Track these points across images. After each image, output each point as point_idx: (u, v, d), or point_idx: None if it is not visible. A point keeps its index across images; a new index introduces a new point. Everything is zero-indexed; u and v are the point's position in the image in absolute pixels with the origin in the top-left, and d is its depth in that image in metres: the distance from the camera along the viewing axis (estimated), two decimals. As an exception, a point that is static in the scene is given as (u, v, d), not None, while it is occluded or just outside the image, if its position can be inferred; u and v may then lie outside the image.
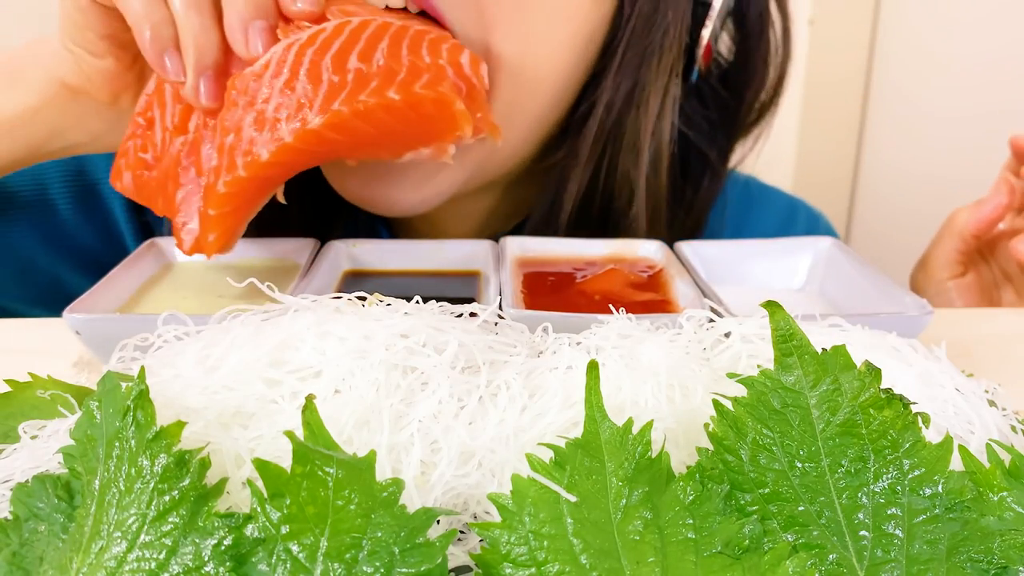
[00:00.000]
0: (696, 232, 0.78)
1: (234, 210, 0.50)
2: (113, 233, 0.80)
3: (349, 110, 0.48)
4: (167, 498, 0.28)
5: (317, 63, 0.49)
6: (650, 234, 0.72)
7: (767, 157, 0.85)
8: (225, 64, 0.51)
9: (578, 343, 0.40)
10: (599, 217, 0.73)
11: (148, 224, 0.81)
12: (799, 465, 0.31)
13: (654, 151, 0.69)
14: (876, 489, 0.31)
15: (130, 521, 0.28)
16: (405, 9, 0.58)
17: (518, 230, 0.78)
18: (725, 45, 0.74)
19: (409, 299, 0.40)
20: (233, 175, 0.48)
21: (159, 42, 0.51)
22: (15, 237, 0.75)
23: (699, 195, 0.77)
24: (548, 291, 0.57)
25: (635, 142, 0.68)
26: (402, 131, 0.51)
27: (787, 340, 0.33)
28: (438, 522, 0.31)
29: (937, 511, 0.30)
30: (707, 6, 0.68)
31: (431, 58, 0.51)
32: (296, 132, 0.47)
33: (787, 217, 0.91)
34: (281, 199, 0.55)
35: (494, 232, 0.80)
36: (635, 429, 0.31)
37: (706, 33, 0.68)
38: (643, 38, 0.65)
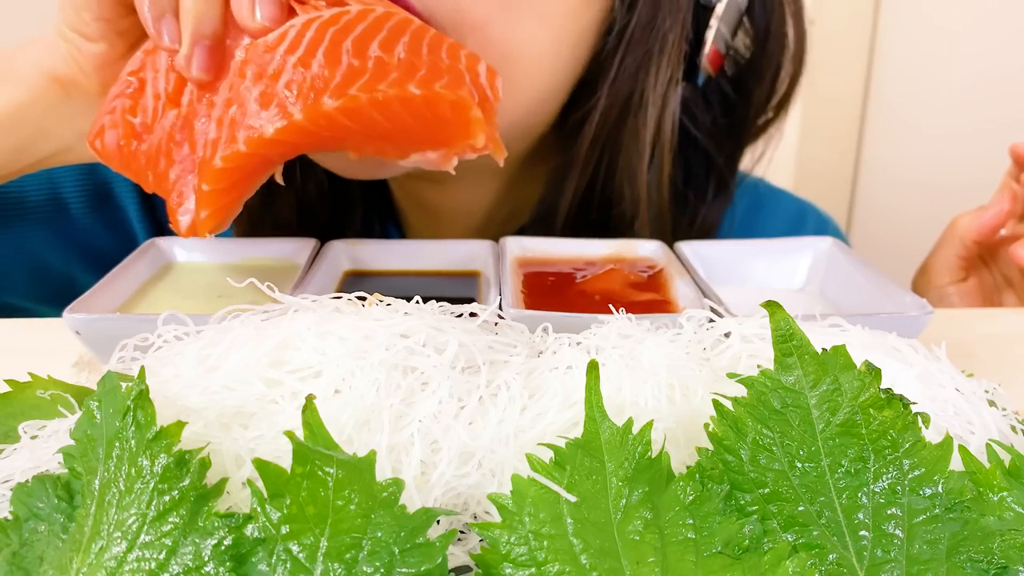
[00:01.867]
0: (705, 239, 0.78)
1: (230, 187, 0.48)
2: (126, 232, 0.80)
3: (367, 97, 0.46)
4: (167, 498, 0.28)
5: (338, 44, 0.47)
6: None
7: (767, 157, 0.84)
8: (223, 37, 0.50)
9: (578, 343, 0.40)
10: (598, 222, 0.73)
11: (161, 223, 0.81)
12: (799, 465, 0.31)
13: (656, 157, 0.69)
14: (876, 489, 0.31)
15: (130, 521, 0.28)
16: None
17: (520, 232, 0.78)
18: (744, 44, 0.73)
19: (409, 299, 0.40)
20: (233, 149, 0.46)
21: (157, 6, 0.49)
22: (29, 238, 0.75)
23: (706, 204, 0.77)
24: (548, 291, 0.57)
25: (633, 147, 0.68)
26: (415, 129, 0.49)
27: (787, 340, 0.33)
28: (438, 522, 0.31)
29: (937, 511, 0.30)
30: (709, 9, 0.68)
31: (450, 61, 0.50)
32: (308, 112, 0.45)
33: (796, 220, 0.91)
34: (279, 179, 0.53)
35: (496, 233, 0.80)
36: (635, 429, 0.31)
37: (710, 36, 0.68)
38: (641, 45, 0.65)
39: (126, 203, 0.79)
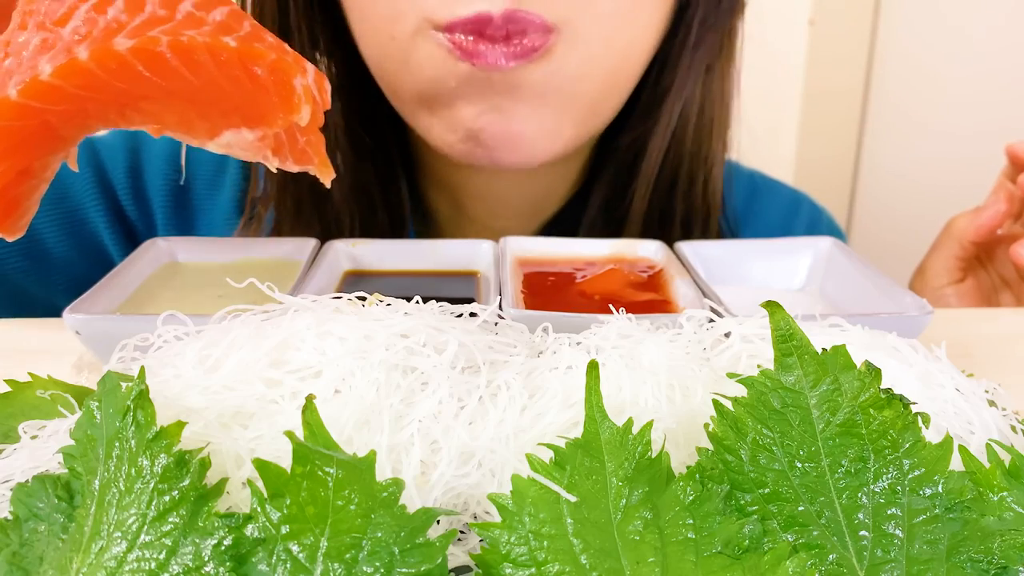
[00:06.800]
0: (713, 212, 0.80)
1: (2, 153, 0.42)
2: (102, 255, 0.80)
3: (169, 40, 0.39)
4: (167, 498, 0.28)
5: None
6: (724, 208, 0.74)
7: (767, 157, 0.85)
8: (8, 7, 0.43)
9: (578, 343, 0.40)
10: (668, 189, 0.74)
11: (137, 242, 0.81)
12: (799, 465, 0.31)
13: (721, 116, 0.71)
14: (876, 489, 0.31)
15: (130, 521, 0.28)
16: None
17: (575, 210, 0.79)
18: None
19: (409, 299, 0.40)
20: (0, 97, 0.40)
21: None
22: (7, 269, 0.75)
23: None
24: (548, 291, 0.57)
25: (710, 109, 0.70)
26: (227, 93, 0.42)
27: (787, 340, 0.33)
28: (438, 522, 0.31)
29: (937, 511, 0.30)
30: None
31: (275, 41, 0.44)
32: (97, 50, 0.39)
33: (790, 210, 0.92)
34: (73, 166, 0.47)
35: (549, 211, 0.81)
36: (635, 429, 0.31)
37: None
38: (714, 10, 0.67)
39: (98, 227, 0.79)
